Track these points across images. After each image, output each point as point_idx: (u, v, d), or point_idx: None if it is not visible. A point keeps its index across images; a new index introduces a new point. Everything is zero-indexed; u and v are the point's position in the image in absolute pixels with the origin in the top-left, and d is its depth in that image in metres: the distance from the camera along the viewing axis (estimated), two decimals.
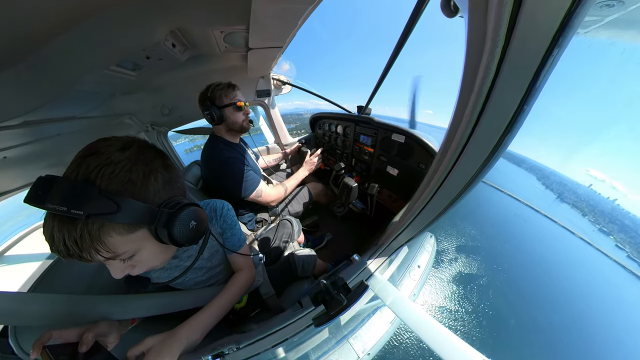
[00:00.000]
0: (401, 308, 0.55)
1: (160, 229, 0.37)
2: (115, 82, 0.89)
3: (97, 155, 0.34)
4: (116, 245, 0.34)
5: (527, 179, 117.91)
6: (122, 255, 0.37)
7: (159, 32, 0.71)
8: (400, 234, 0.62)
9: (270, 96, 1.87)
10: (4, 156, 0.87)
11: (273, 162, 1.77)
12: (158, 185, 0.38)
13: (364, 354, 0.88)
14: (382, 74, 1.17)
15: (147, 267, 0.44)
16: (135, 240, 0.37)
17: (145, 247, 0.39)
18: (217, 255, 0.71)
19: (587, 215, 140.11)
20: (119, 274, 0.40)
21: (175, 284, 0.67)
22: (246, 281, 0.72)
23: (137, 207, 0.34)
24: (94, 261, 0.34)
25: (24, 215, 1.99)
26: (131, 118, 1.35)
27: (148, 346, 0.46)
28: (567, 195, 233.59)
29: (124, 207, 0.32)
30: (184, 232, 0.40)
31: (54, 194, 0.29)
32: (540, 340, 3.45)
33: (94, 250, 0.33)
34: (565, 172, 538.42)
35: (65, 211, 0.28)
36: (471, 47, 0.27)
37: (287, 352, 0.64)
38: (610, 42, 0.42)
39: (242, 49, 1.05)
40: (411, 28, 0.82)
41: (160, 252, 0.44)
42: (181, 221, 0.39)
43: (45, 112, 0.77)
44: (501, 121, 0.28)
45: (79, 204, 0.29)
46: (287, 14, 0.74)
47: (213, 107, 1.00)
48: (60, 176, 0.31)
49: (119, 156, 0.34)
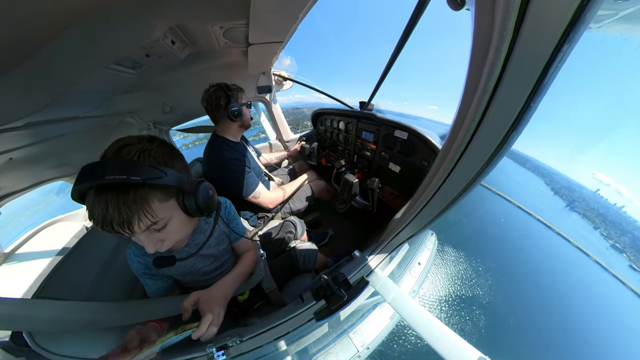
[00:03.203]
0: (401, 304, 0.55)
1: (188, 196, 0.48)
2: (115, 81, 0.89)
3: (132, 145, 0.42)
4: (156, 210, 0.43)
5: (534, 182, 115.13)
6: (159, 222, 0.45)
7: (158, 30, 0.70)
8: (402, 231, 0.63)
9: (272, 92, 1.85)
10: (9, 157, 0.89)
11: (275, 161, 1.77)
12: (180, 166, 0.50)
13: (363, 348, 0.90)
14: (386, 69, 1.15)
15: (173, 241, 0.52)
16: (169, 208, 0.47)
17: (175, 216, 0.49)
18: (223, 244, 0.77)
19: (599, 228, 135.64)
20: (151, 247, 0.47)
21: (187, 274, 0.71)
22: (253, 257, 0.82)
23: (175, 175, 0.44)
24: (135, 231, 0.42)
25: (26, 216, 2.04)
26: (133, 117, 1.35)
27: (196, 298, 0.53)
28: (577, 203, 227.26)
29: (167, 174, 0.42)
30: (205, 199, 0.51)
31: (112, 169, 0.36)
32: (539, 340, 3.46)
33: (143, 212, 0.41)
34: (572, 175, 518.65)
35: (126, 179, 0.36)
36: (477, 41, 0.26)
37: (289, 345, 0.66)
38: (624, 37, 0.40)
39: (242, 44, 1.04)
40: (416, 21, 0.80)
41: (185, 223, 0.53)
42: (202, 190, 0.50)
43: (48, 113, 0.78)
44: (506, 119, 0.27)
45: (136, 173, 0.37)
46: (288, 7, 0.72)
47: (236, 103, 1.03)
48: (103, 162, 0.39)
49: (149, 145, 0.44)
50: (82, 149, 1.32)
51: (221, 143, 1.10)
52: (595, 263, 13.20)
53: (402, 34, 0.88)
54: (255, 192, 1.12)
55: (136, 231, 0.42)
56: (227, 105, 1.01)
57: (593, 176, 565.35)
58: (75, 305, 0.51)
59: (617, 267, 27.80)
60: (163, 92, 1.37)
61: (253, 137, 4.93)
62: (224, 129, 1.12)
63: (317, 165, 1.78)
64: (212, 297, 0.55)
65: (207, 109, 1.06)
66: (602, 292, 10.62)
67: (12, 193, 1.22)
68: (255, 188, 1.13)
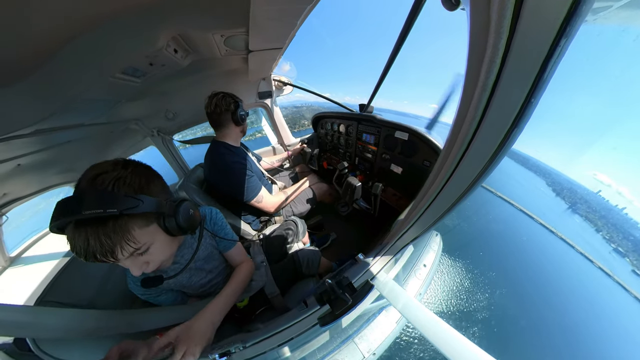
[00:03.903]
0: (407, 308, 0.54)
1: (169, 218, 0.47)
2: (120, 89, 0.92)
3: (106, 173, 0.41)
4: (138, 236, 0.43)
5: (535, 183, 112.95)
6: (142, 246, 0.45)
7: (161, 39, 0.72)
8: (405, 232, 0.62)
9: (272, 97, 1.88)
10: (18, 164, 0.91)
11: (277, 163, 1.79)
12: (157, 189, 0.49)
13: (369, 354, 0.88)
14: (384, 70, 1.16)
15: (158, 262, 0.51)
16: (150, 232, 0.46)
17: (158, 239, 0.49)
18: (213, 256, 0.76)
19: (602, 231, 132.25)
20: (137, 271, 0.47)
21: (184, 287, 0.71)
22: (247, 270, 0.79)
23: (151, 200, 0.43)
24: (119, 258, 0.42)
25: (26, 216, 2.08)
26: (137, 123, 1.38)
27: (173, 336, 0.49)
28: (580, 205, 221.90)
29: (144, 201, 0.42)
30: (186, 218, 0.50)
31: (88, 203, 0.36)
32: (553, 344, 3.31)
33: (125, 241, 0.41)
34: (574, 176, 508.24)
35: (102, 212, 0.36)
36: (474, 40, 0.26)
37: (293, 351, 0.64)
38: (622, 28, 0.39)
39: (243, 51, 1.06)
40: (412, 22, 0.81)
41: (169, 243, 0.53)
42: (183, 210, 0.49)
43: (56, 120, 0.80)
44: (507, 116, 0.27)
45: (112, 205, 0.37)
46: (286, 14, 0.74)
47: (240, 109, 1.09)
48: (78, 194, 0.39)
49: (124, 172, 0.43)
50: (88, 155, 1.34)
51: (222, 147, 1.11)
52: (599, 269, 12.77)
53: (400, 35, 0.89)
54: (258, 197, 1.13)
55: (120, 258, 0.42)
56: (237, 109, 1.07)
57: (594, 177, 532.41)
58: (78, 313, 0.51)
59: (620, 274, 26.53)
60: (166, 100, 1.40)
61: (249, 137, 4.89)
62: (225, 134, 1.13)
63: (318, 170, 1.78)
64: (194, 334, 0.51)
65: (215, 112, 1.06)
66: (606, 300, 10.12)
67: (19, 198, 1.25)
68: (258, 192, 1.13)
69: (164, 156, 1.66)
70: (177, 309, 0.68)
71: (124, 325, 0.57)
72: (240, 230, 1.22)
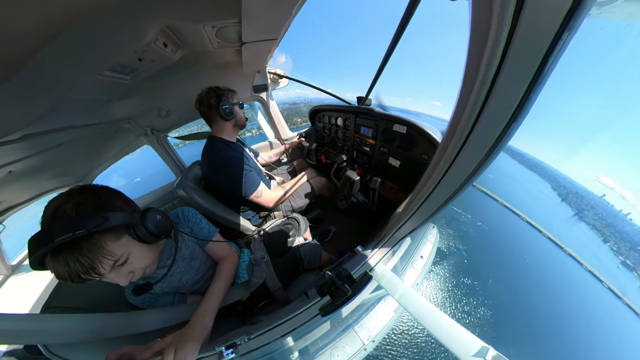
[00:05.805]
0: (404, 297, 0.56)
1: (138, 227, 0.49)
2: (109, 87, 0.88)
3: (65, 203, 0.43)
4: (113, 250, 0.46)
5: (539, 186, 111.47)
6: (120, 258, 0.47)
7: (149, 33, 0.68)
8: (403, 225, 0.63)
9: (268, 91, 1.83)
10: (9, 171, 0.88)
11: (275, 158, 1.77)
12: (119, 203, 0.51)
13: (369, 341, 0.92)
14: (382, 63, 1.13)
15: (142, 269, 0.54)
16: (124, 244, 0.48)
17: (134, 249, 0.51)
18: (198, 254, 0.77)
19: (609, 241, 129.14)
20: (124, 281, 0.49)
21: (179, 288, 0.73)
22: (230, 265, 0.79)
23: (117, 215, 0.45)
24: (102, 273, 0.44)
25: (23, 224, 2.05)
26: (129, 122, 1.34)
27: (165, 343, 0.51)
28: (586, 212, 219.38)
29: (109, 217, 0.43)
30: (155, 223, 0.52)
31: (57, 231, 0.38)
32: (543, 329, 3.49)
33: (101, 256, 0.43)
34: (577, 178, 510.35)
35: (72, 235, 0.38)
36: (475, 31, 0.25)
37: (296, 341, 0.67)
38: (626, 23, 0.38)
39: (236, 43, 1.02)
40: (411, 13, 0.78)
41: (146, 251, 0.54)
42: (150, 217, 0.52)
43: (44, 124, 0.77)
44: (506, 109, 0.27)
45: (79, 227, 0.40)
46: (280, 3, 0.70)
47: (227, 102, 1.04)
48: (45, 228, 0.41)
49: (81, 198, 0.45)
50: (81, 158, 1.31)
51: (218, 143, 1.10)
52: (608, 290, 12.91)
53: (398, 28, 0.87)
54: (257, 192, 1.12)
55: (103, 273, 0.44)
56: (218, 103, 1.03)
57: (597, 179, 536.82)
58: (85, 318, 0.53)
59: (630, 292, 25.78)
60: (158, 96, 1.36)
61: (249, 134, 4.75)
62: (219, 130, 1.11)
63: (316, 164, 1.78)
64: (185, 338, 0.52)
65: (201, 110, 1.07)
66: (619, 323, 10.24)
67: (15, 206, 1.22)
68: (257, 187, 1.12)
69: (159, 155, 1.63)
70: (179, 307, 0.70)
71: (129, 327, 0.58)
72: (240, 226, 1.22)
